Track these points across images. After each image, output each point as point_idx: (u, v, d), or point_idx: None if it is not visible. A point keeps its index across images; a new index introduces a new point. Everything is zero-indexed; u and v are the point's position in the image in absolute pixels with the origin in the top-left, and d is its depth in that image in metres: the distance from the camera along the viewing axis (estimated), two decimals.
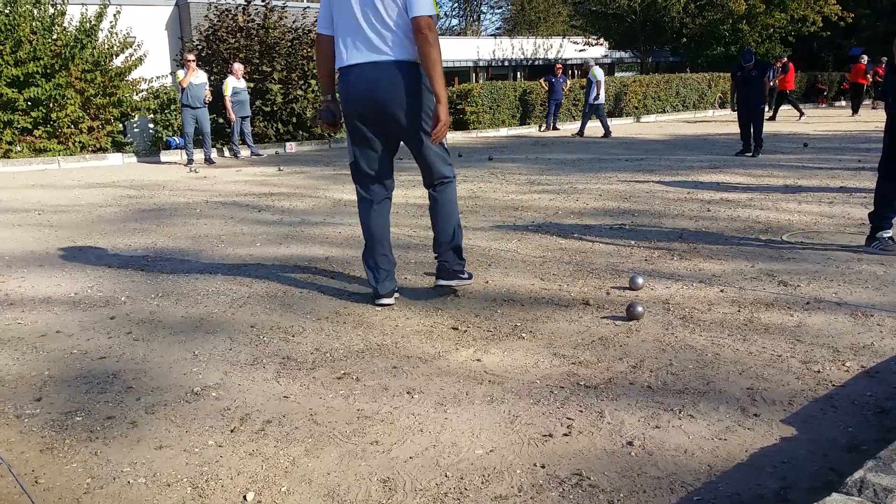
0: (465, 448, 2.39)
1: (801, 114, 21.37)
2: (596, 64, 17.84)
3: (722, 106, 25.93)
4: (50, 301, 4.25)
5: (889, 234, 4.91)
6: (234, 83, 13.99)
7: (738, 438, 2.40)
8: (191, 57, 12.85)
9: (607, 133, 16.87)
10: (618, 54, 40.15)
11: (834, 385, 2.79)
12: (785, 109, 26.09)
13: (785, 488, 2.08)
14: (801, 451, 2.29)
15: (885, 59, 27.48)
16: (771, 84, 25.98)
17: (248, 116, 14.36)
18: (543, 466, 2.26)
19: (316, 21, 15.55)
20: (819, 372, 2.92)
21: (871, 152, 11.19)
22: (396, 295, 4.06)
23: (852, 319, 3.56)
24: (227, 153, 14.90)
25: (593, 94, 17.01)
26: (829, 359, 3.06)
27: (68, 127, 14.01)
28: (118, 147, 15.11)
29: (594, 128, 18.02)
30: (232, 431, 2.55)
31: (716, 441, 2.38)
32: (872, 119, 19.59)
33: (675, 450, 2.33)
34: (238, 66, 14.15)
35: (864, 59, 23.51)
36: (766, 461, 2.24)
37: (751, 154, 11.60)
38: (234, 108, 13.95)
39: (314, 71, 16.65)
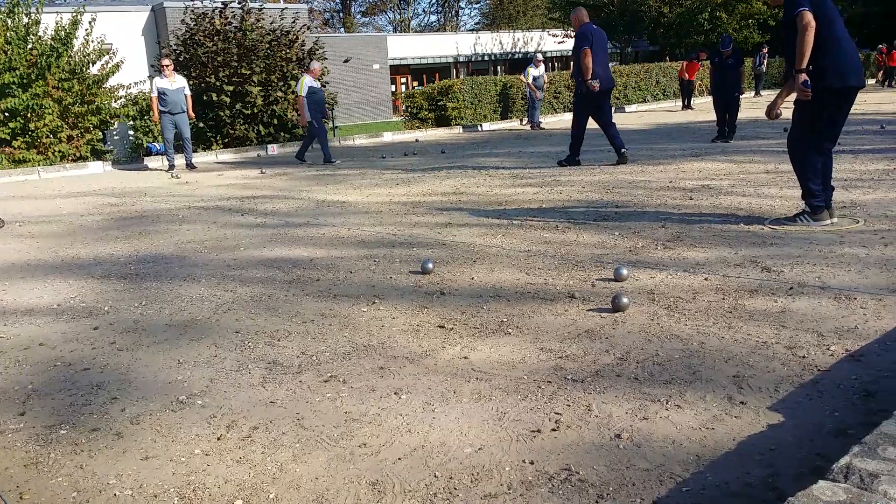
0: (453, 447, 2.38)
1: (685, 107, 22.34)
2: (534, 63, 18.60)
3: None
4: (32, 313, 4.21)
5: None
6: (311, 82, 12.79)
7: (726, 427, 2.40)
8: (167, 62, 12.72)
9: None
10: None
11: (819, 370, 2.81)
12: (763, 95, 26.27)
13: (773, 476, 2.09)
14: (788, 438, 2.30)
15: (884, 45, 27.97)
16: (763, 69, 26.24)
17: (324, 117, 13.43)
18: (532, 462, 2.25)
19: (294, 22, 15.54)
20: (804, 357, 2.94)
21: (850, 134, 11.25)
22: None
23: (836, 303, 3.57)
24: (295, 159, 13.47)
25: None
26: (813, 343, 3.07)
27: (47, 136, 13.88)
28: (98, 155, 14.99)
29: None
30: (218, 439, 2.53)
31: (703, 430, 2.39)
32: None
33: (663, 441, 2.34)
34: (316, 65, 13.23)
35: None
36: (754, 449, 2.25)
37: (724, 140, 11.77)
38: (311, 109, 12.77)
39: (294, 72, 16.59)
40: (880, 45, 30.51)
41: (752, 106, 20.33)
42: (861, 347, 3.00)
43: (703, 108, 21.25)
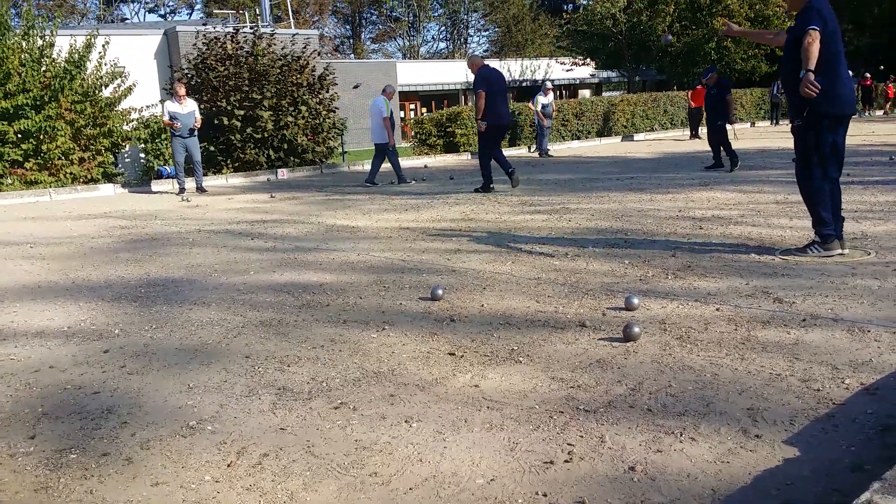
0: (465, 477, 2.36)
1: (693, 136, 22.05)
2: (544, 91, 18.29)
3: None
4: (43, 335, 4.21)
5: None
6: (391, 105, 13.02)
7: (741, 460, 2.38)
8: (181, 90, 12.78)
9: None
10: (605, 74, 40.47)
11: (834, 403, 2.78)
12: (778, 127, 26.31)
13: None
14: (805, 472, 2.27)
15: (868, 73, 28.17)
16: (780, 98, 26.27)
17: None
18: (545, 495, 2.23)
19: (305, 47, 15.64)
20: (819, 390, 2.91)
21: (858, 166, 11.26)
22: None
23: (849, 335, 3.55)
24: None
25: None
26: (828, 376, 3.05)
27: (59, 158, 13.99)
28: (109, 178, 15.08)
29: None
30: (229, 466, 2.51)
31: (718, 464, 2.36)
32: (857, 133, 19.72)
33: (678, 474, 2.31)
34: (390, 88, 13.32)
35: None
36: (770, 483, 2.23)
37: (724, 169, 11.90)
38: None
39: (304, 97, 16.71)
40: (866, 73, 30.87)
41: (761, 136, 20.39)
42: (876, 381, 2.97)
43: None
